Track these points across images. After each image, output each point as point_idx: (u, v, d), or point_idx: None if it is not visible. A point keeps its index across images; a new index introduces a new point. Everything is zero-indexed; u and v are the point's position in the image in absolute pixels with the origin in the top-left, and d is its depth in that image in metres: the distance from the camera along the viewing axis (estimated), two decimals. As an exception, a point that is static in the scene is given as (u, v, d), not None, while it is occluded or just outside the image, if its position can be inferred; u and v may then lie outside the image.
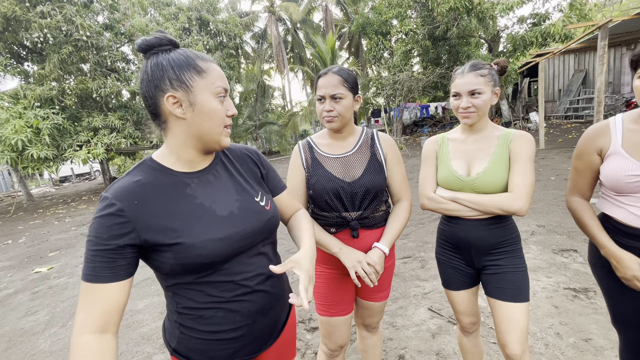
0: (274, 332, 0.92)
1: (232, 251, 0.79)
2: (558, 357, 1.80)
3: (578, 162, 1.20)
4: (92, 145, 9.82)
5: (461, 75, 1.22)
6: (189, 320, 0.80)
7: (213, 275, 0.78)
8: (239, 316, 0.81)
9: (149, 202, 0.73)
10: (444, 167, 1.31)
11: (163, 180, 0.77)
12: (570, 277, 2.58)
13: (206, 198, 0.80)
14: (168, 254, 0.73)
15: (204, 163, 0.85)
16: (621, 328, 1.22)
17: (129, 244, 0.70)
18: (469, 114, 1.21)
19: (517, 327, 1.18)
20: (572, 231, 3.40)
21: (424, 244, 3.65)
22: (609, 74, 11.65)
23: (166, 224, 0.73)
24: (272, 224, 0.89)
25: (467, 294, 1.35)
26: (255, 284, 0.83)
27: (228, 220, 0.80)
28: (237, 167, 0.91)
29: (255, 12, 22.86)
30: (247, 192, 0.88)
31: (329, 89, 1.18)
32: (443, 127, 15.87)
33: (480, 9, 10.13)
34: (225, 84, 0.80)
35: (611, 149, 1.09)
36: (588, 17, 9.68)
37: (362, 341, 1.58)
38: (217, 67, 0.80)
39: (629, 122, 1.08)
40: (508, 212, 1.17)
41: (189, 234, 0.74)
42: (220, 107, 0.78)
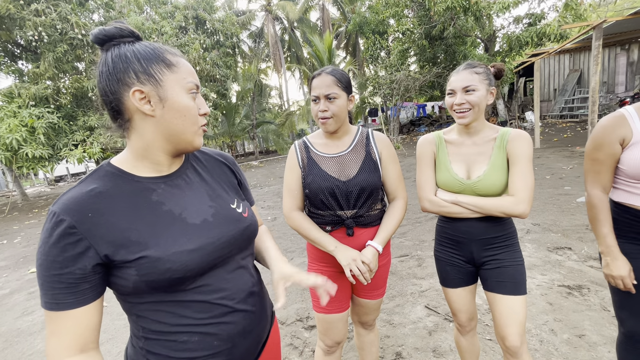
0: (255, 351, 0.83)
1: (207, 264, 0.70)
2: (552, 353, 1.83)
3: (598, 154, 1.18)
4: (88, 144, 9.76)
5: (456, 73, 1.23)
6: (157, 347, 0.70)
7: (185, 294, 0.69)
8: (217, 340, 0.72)
9: (106, 213, 0.63)
10: (444, 171, 1.30)
11: (124, 187, 0.68)
12: (565, 274, 2.61)
13: (175, 204, 0.71)
14: (131, 270, 0.63)
15: (173, 167, 0.76)
16: (625, 318, 1.24)
17: (89, 264, 0.61)
18: (464, 112, 1.21)
19: (517, 320, 1.21)
20: (567, 229, 3.44)
21: (420, 242, 3.67)
22: (603, 74, 11.76)
23: (129, 236, 0.64)
24: (251, 232, 0.82)
25: (465, 292, 1.36)
26: (235, 303, 0.74)
27: (201, 229, 0.71)
28: (210, 172, 0.83)
29: (252, 10, 22.78)
30: (222, 198, 0.80)
31: (323, 89, 1.20)
32: (440, 126, 15.95)
33: (476, 8, 10.17)
34: (196, 80, 0.73)
35: (635, 138, 1.10)
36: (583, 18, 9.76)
37: (358, 338, 1.59)
38: (187, 62, 0.74)
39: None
40: (510, 215, 1.19)
41: (156, 245, 0.65)
42: (193, 104, 0.71)
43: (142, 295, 0.67)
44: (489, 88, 1.22)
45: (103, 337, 2.54)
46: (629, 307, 1.23)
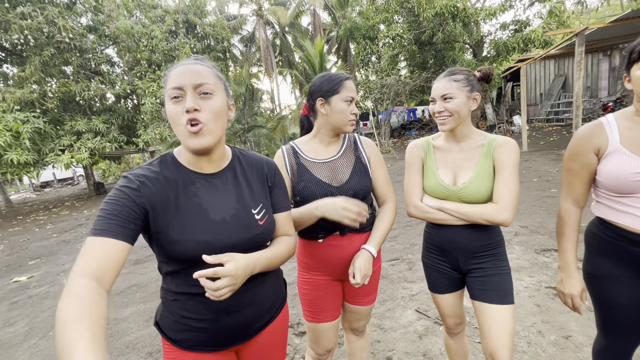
0: (245, 333, 0.94)
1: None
2: (540, 354, 1.85)
3: (573, 164, 1.15)
4: (76, 149, 9.57)
5: (437, 81, 1.25)
6: (169, 302, 0.89)
7: (191, 271, 0.80)
8: (205, 309, 0.86)
9: (160, 191, 0.81)
10: (430, 176, 1.30)
11: (174, 173, 0.85)
12: (552, 276, 2.65)
13: (205, 199, 0.85)
14: (155, 239, 0.81)
15: (216, 167, 0.90)
16: (609, 335, 1.21)
17: (139, 210, 0.76)
18: (444, 118, 1.21)
19: (505, 330, 1.16)
20: (554, 231, 3.50)
21: (411, 245, 3.69)
22: (587, 79, 12.09)
23: (163, 211, 0.80)
24: (261, 240, 0.91)
25: (453, 297, 1.36)
26: None
27: (217, 226, 0.84)
28: (247, 176, 0.95)
29: (243, 15, 22.81)
30: (247, 202, 0.91)
31: (355, 93, 1.26)
32: (430, 130, 16.12)
33: (464, 14, 10.38)
34: (179, 83, 0.79)
35: (610, 148, 1.05)
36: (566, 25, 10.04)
37: (349, 345, 1.58)
38: (181, 67, 0.81)
39: (624, 120, 1.06)
40: (493, 223, 1.18)
41: (176, 228, 0.80)
42: (174, 108, 0.79)
43: (166, 262, 0.86)
44: (470, 94, 1.21)
45: (88, 348, 2.47)
46: (610, 327, 1.19)
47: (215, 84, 0.83)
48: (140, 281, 3.66)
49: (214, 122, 0.82)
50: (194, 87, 0.79)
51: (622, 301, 1.13)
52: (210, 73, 0.83)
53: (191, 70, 0.81)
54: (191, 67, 0.81)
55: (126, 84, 10.76)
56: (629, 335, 1.18)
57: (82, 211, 9.40)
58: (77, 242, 5.92)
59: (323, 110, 1.26)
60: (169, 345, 0.91)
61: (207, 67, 0.84)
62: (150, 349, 2.36)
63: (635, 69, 0.98)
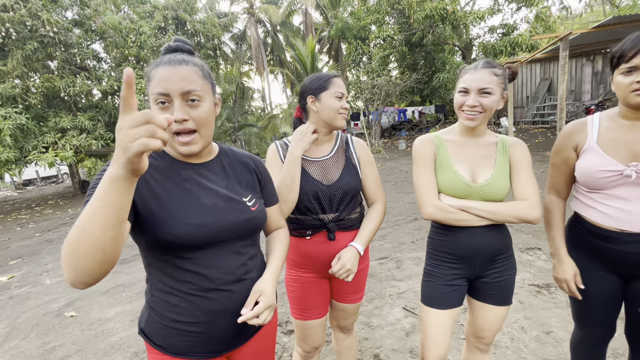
0: (239, 338, 0.91)
1: (205, 240, 0.81)
2: (522, 349, 1.90)
3: (555, 158, 1.22)
4: (60, 147, 9.33)
5: (474, 70, 1.12)
6: (157, 304, 0.84)
7: (183, 262, 0.81)
8: (199, 311, 0.83)
9: (146, 176, 0.80)
10: (447, 172, 1.18)
11: (161, 162, 0.85)
12: (535, 274, 2.72)
13: (196, 185, 0.85)
14: (146, 224, 0.77)
15: (200, 159, 0.90)
16: (584, 326, 1.29)
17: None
18: (475, 115, 1.11)
19: (498, 325, 1.25)
20: (537, 230, 3.60)
21: (400, 244, 3.73)
22: (570, 83, 12.41)
23: (154, 195, 0.79)
24: (253, 225, 0.91)
25: (450, 316, 1.21)
26: (220, 284, 0.84)
27: (210, 210, 0.83)
28: (234, 169, 0.96)
29: (234, 13, 22.61)
30: (237, 191, 0.91)
31: (345, 90, 1.29)
32: (420, 131, 16.30)
33: (454, 17, 10.54)
34: (165, 89, 0.76)
35: (586, 145, 1.12)
36: (552, 29, 10.30)
37: (337, 343, 1.60)
38: (167, 69, 0.77)
39: (606, 120, 1.12)
40: (525, 220, 1.12)
41: (169, 211, 0.78)
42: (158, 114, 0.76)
43: (153, 253, 0.82)
44: (503, 92, 1.14)
45: (72, 349, 2.42)
46: (584, 319, 1.27)
47: (202, 87, 0.80)
48: (127, 281, 3.60)
49: (204, 129, 0.82)
50: (182, 95, 0.77)
51: (594, 293, 1.19)
52: (197, 75, 0.80)
53: (178, 75, 0.77)
54: (177, 70, 0.77)
55: (113, 80, 10.53)
56: (602, 326, 1.24)
57: (66, 210, 9.17)
58: (61, 241, 5.78)
59: (314, 108, 1.28)
60: (156, 353, 0.85)
61: (194, 68, 0.80)
62: (136, 349, 2.33)
63: (616, 74, 1.04)
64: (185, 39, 0.87)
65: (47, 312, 3.06)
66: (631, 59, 0.98)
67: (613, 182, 1.06)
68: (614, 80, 1.06)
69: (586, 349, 1.32)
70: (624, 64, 1.00)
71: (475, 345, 1.34)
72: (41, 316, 3.00)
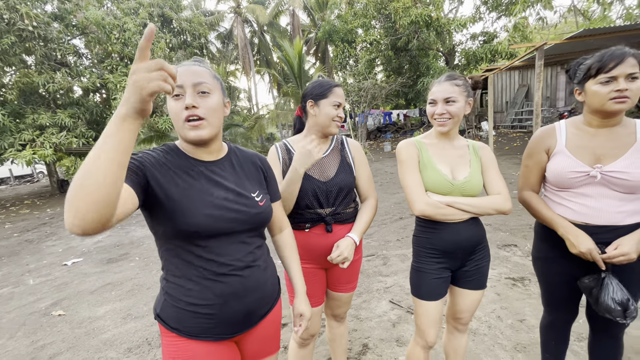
0: (248, 321, 0.98)
1: (215, 229, 0.89)
2: (498, 336, 2.06)
3: (528, 161, 1.35)
4: (38, 144, 9.02)
5: (439, 84, 1.29)
6: (172, 289, 0.92)
7: (197, 249, 0.88)
8: (212, 294, 0.90)
9: (161, 168, 0.88)
10: (431, 171, 1.30)
11: (176, 158, 0.92)
12: (511, 268, 2.92)
13: (208, 181, 0.93)
14: (166, 213, 0.85)
15: (213, 157, 0.98)
16: (552, 310, 1.46)
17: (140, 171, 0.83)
18: (445, 120, 1.27)
19: (476, 307, 1.41)
20: (514, 228, 3.83)
21: (386, 242, 3.88)
22: (546, 90, 13.03)
23: (169, 186, 0.87)
24: (262, 219, 0.99)
25: (441, 305, 1.35)
26: (231, 269, 0.92)
27: (221, 202, 0.91)
28: (243, 166, 1.04)
29: (220, 12, 22.40)
30: (246, 187, 0.99)
31: (344, 100, 1.39)
32: (404, 133, 16.66)
33: (438, 24, 10.89)
34: (180, 81, 0.86)
35: (557, 149, 1.26)
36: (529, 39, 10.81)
37: (330, 331, 1.71)
38: (182, 68, 0.88)
39: (572, 127, 1.27)
40: (501, 211, 1.27)
41: (185, 202, 0.86)
42: (174, 105, 0.87)
43: (170, 241, 0.89)
44: (467, 99, 1.29)
45: (62, 347, 2.42)
46: (551, 303, 1.44)
47: (212, 83, 0.91)
48: (115, 280, 3.58)
49: (211, 117, 0.90)
50: (193, 86, 0.87)
51: (560, 280, 1.35)
52: (208, 74, 0.91)
53: (191, 70, 0.88)
54: (191, 67, 0.90)
55: (95, 77, 10.27)
56: (567, 309, 1.40)
57: (44, 210, 8.87)
58: (42, 241, 5.63)
59: (312, 112, 1.39)
60: (172, 336, 0.92)
61: (205, 69, 0.92)
62: (129, 345, 2.36)
63: (591, 84, 1.15)
64: (200, 58, 0.97)
65: (33, 312, 3.02)
66: (611, 70, 1.08)
67: (580, 182, 1.21)
68: (589, 89, 1.15)
69: (553, 330, 1.49)
70: (603, 74, 1.10)
71: (454, 325, 1.50)
72: (27, 316, 2.96)
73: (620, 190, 1.17)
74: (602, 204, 1.19)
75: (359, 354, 2.03)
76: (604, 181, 1.17)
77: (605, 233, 1.19)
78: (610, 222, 1.19)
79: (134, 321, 2.68)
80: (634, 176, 1.13)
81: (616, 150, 1.17)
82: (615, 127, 1.20)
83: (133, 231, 5.68)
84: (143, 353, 2.26)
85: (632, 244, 1.12)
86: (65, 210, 0.60)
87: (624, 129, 1.19)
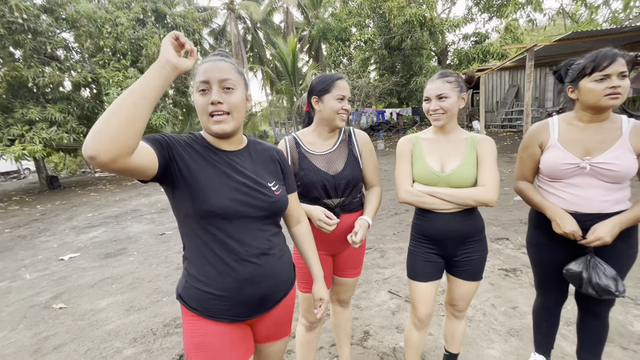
0: (263, 305, 1.03)
1: (234, 212, 0.94)
2: (493, 322, 2.17)
3: (523, 153, 1.44)
4: (28, 139, 8.86)
5: (431, 81, 1.37)
6: (192, 268, 0.97)
7: (216, 230, 0.93)
8: (229, 278, 0.95)
9: (186, 150, 0.95)
10: (420, 164, 1.40)
11: (200, 145, 0.99)
12: (503, 260, 3.05)
13: (229, 167, 0.99)
14: (185, 191, 0.92)
15: (231, 147, 1.03)
16: (543, 292, 1.57)
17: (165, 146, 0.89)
18: (439, 116, 1.35)
19: (470, 297, 1.50)
20: (506, 223, 3.97)
21: (382, 236, 3.98)
22: (536, 90, 13.34)
23: (193, 166, 0.94)
24: (277, 207, 1.04)
25: (432, 286, 1.45)
26: (248, 256, 0.97)
27: (241, 187, 0.97)
28: (260, 158, 1.09)
29: (213, 8, 22.21)
30: (263, 177, 1.04)
31: (348, 92, 1.45)
32: (397, 132, 16.84)
33: (431, 24, 11.05)
34: (206, 77, 0.92)
35: (550, 143, 1.35)
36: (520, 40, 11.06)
37: (335, 316, 1.78)
38: (209, 63, 0.94)
39: (563, 122, 1.37)
40: (481, 203, 1.31)
41: (207, 183, 0.93)
42: (201, 99, 0.93)
43: (192, 220, 0.94)
44: (460, 94, 1.35)
45: (66, 337, 2.45)
46: (543, 286, 1.56)
47: (236, 79, 0.96)
48: (115, 274, 3.59)
49: (236, 112, 0.96)
50: (219, 82, 0.92)
51: (550, 264, 1.47)
52: (232, 69, 0.96)
53: (217, 67, 0.94)
54: (217, 64, 0.94)
55: (87, 71, 10.12)
56: (558, 290, 1.52)
57: (34, 206, 8.72)
58: (35, 237, 5.56)
59: (317, 107, 1.45)
60: (191, 315, 0.98)
61: (230, 64, 0.97)
62: (134, 335, 2.40)
63: (586, 81, 1.23)
64: (225, 51, 1.03)
65: (34, 305, 3.02)
66: (605, 69, 1.17)
67: (571, 173, 1.31)
68: (584, 87, 1.23)
69: (545, 312, 1.60)
70: (598, 72, 1.18)
71: (451, 312, 1.60)
72: (27, 309, 2.96)
73: (607, 180, 1.27)
74: (590, 193, 1.30)
75: (361, 340, 2.12)
76: (593, 172, 1.28)
77: (593, 220, 1.29)
78: (598, 210, 1.29)
79: (137, 313, 2.72)
80: (620, 167, 1.23)
81: (604, 143, 1.27)
82: (604, 122, 1.30)
83: (129, 227, 5.67)
84: (149, 342, 2.30)
85: (606, 229, 1.23)
86: (91, 137, 0.68)
87: (611, 124, 1.29)
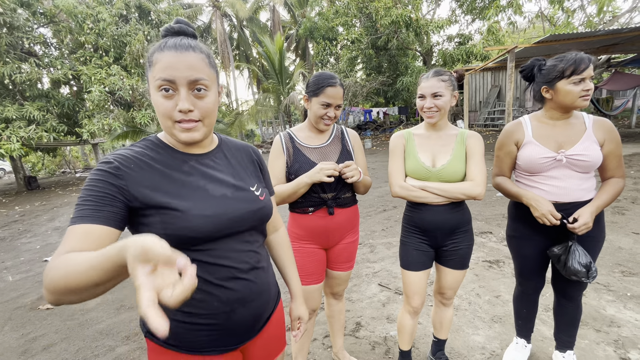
0: (254, 327, 0.89)
1: (219, 232, 0.78)
2: (478, 310, 2.28)
3: (500, 152, 1.54)
4: (4, 138, 8.53)
5: (426, 79, 1.41)
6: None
7: (198, 254, 0.76)
8: (217, 302, 0.78)
9: (146, 170, 0.75)
10: (412, 159, 1.45)
11: (162, 154, 0.79)
12: (487, 252, 3.18)
13: (202, 177, 0.81)
14: (156, 218, 0.72)
15: (201, 149, 0.85)
16: (523, 281, 1.67)
17: (119, 195, 0.70)
18: (433, 113, 1.40)
19: (457, 285, 1.58)
20: (489, 218, 4.13)
21: (372, 232, 4.07)
22: (516, 91, 13.80)
23: (160, 188, 0.74)
24: (263, 214, 0.89)
25: (424, 275, 1.52)
26: (237, 272, 0.82)
27: (219, 201, 0.80)
28: (237, 158, 0.93)
29: (198, 5, 21.88)
30: (244, 180, 0.89)
31: (337, 99, 1.42)
32: (384, 131, 17.06)
33: (417, 25, 11.25)
34: (171, 76, 0.71)
35: (525, 140, 1.45)
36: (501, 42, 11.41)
37: (329, 308, 1.84)
38: (172, 54, 0.72)
39: (535, 120, 1.47)
40: (470, 196, 1.37)
41: (179, 203, 0.74)
42: (163, 102, 0.73)
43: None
44: (452, 92, 1.41)
45: (56, 338, 2.41)
46: (523, 274, 1.65)
47: (209, 76, 0.76)
48: (103, 274, 3.53)
49: (208, 119, 0.79)
50: (189, 84, 0.73)
51: (530, 253, 1.57)
52: (204, 64, 0.76)
53: (185, 61, 0.72)
54: (184, 57, 0.72)
55: (67, 68, 9.81)
56: (536, 277, 1.62)
57: (12, 207, 8.41)
58: (16, 239, 5.39)
59: (306, 105, 1.51)
60: (165, 353, 0.79)
61: (201, 54, 0.76)
62: (126, 334, 2.39)
63: (564, 83, 1.32)
64: (187, 21, 0.79)
65: (19, 307, 2.95)
66: (582, 72, 1.26)
67: (549, 166, 1.41)
68: (562, 88, 1.31)
69: (525, 299, 1.70)
70: (576, 75, 1.27)
71: (439, 300, 1.68)
72: (12, 310, 2.89)
73: (579, 170, 1.39)
74: (567, 183, 1.41)
75: (353, 331, 2.19)
76: (568, 163, 1.38)
77: (572, 208, 1.40)
78: (575, 199, 1.40)
79: (128, 312, 2.70)
80: (590, 157, 1.35)
81: (573, 137, 1.39)
82: (569, 119, 1.43)
83: (115, 227, 5.55)
84: (141, 340, 2.30)
85: (588, 215, 1.34)
86: (49, 290, 0.58)
87: (576, 120, 1.42)
